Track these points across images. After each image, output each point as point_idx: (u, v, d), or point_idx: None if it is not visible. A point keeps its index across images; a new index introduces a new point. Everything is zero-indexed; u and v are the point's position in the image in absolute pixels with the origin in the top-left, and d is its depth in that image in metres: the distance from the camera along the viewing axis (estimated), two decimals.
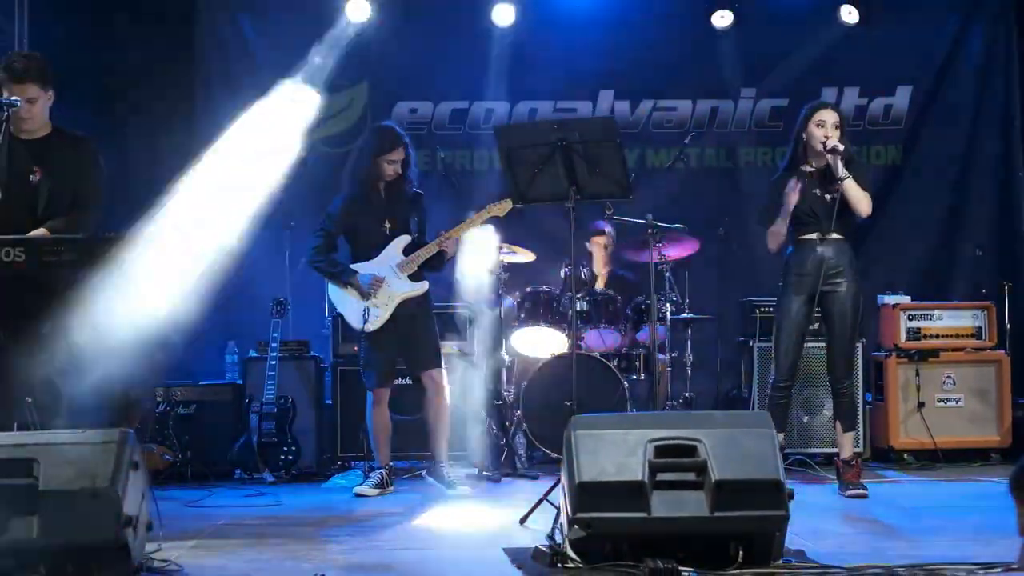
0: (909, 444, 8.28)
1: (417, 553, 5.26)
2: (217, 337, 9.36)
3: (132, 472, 4.53)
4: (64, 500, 4.37)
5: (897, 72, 10.37)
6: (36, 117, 5.92)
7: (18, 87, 5.83)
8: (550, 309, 8.63)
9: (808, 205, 6.76)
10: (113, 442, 4.51)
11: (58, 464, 4.44)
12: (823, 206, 6.76)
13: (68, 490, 4.38)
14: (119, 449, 4.50)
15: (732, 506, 4.52)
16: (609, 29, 10.15)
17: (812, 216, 6.78)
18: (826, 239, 6.78)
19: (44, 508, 4.36)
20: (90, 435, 4.60)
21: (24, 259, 5.54)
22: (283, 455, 7.81)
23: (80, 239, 5.63)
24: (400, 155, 7.19)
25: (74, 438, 4.56)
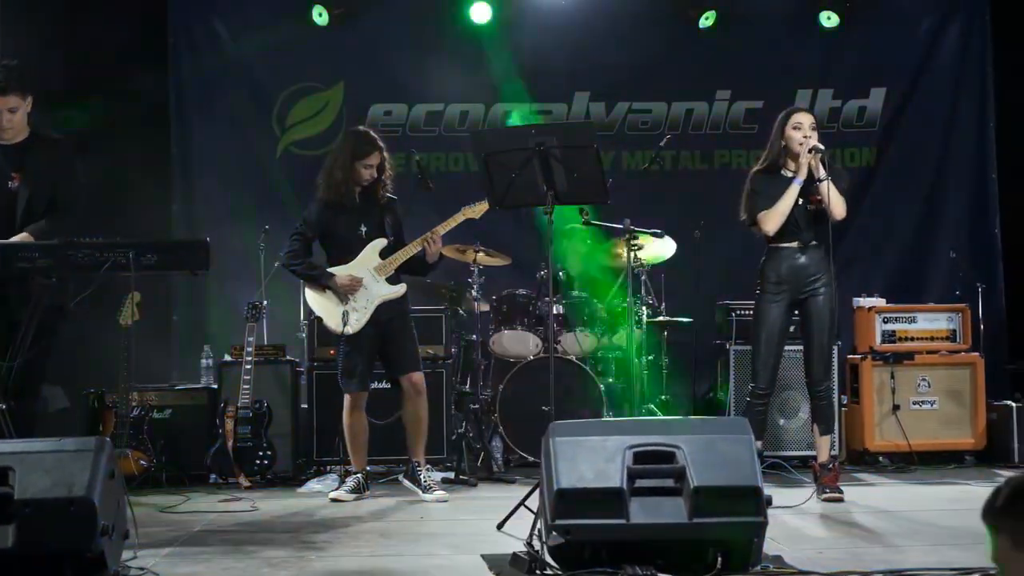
0: (884, 447, 8.31)
1: (394, 560, 5.23)
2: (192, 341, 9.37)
3: (108, 480, 4.50)
4: (40, 509, 4.34)
5: (871, 74, 10.44)
6: (16, 126, 5.90)
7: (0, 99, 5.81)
8: (526, 312, 8.62)
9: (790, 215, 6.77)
10: (89, 450, 4.49)
11: (34, 472, 4.40)
12: (802, 215, 6.77)
13: (44, 499, 4.35)
14: (95, 457, 4.48)
15: (711, 512, 4.52)
16: (584, 32, 10.19)
17: (792, 224, 6.79)
18: (804, 247, 6.79)
19: (19, 517, 4.32)
20: (66, 443, 4.57)
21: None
22: (258, 460, 7.77)
23: (55, 245, 5.60)
24: (376, 159, 7.16)
25: (50, 446, 4.53)
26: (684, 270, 9.05)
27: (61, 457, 4.47)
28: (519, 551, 4.93)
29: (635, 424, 5.12)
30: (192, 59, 10.20)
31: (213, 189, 10.16)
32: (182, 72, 10.18)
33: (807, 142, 6.69)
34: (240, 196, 10.09)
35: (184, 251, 5.80)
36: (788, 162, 6.85)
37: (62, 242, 5.63)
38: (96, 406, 7.93)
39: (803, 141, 6.73)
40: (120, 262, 5.60)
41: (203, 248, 5.74)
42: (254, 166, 10.21)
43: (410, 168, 7.98)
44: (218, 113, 10.20)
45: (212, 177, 10.16)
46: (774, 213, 6.77)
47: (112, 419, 7.70)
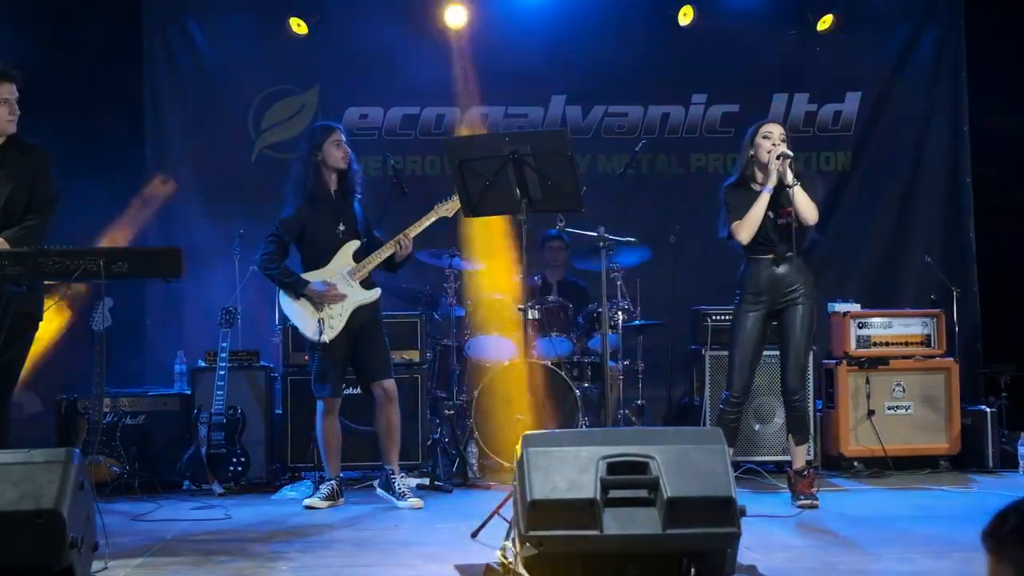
0: (859, 452, 8.31)
1: (365, 571, 5.21)
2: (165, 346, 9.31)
3: (78, 491, 4.47)
4: (7, 521, 4.30)
5: (847, 79, 10.44)
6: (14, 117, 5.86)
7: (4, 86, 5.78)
8: (501, 317, 8.60)
9: (763, 227, 6.76)
10: (59, 462, 4.45)
11: (2, 484, 4.36)
12: (775, 229, 6.77)
13: (11, 511, 4.31)
14: (64, 469, 4.44)
15: (684, 523, 4.50)
16: (560, 35, 10.17)
17: (765, 238, 6.79)
18: (780, 259, 6.79)
19: None
20: (35, 455, 4.53)
21: None
22: (232, 466, 7.73)
23: (25, 253, 5.56)
24: (340, 136, 7.17)
25: (18, 458, 4.49)
26: (660, 275, 9.04)
27: (29, 468, 4.43)
28: (492, 562, 4.92)
29: (608, 434, 5.09)
30: (167, 61, 10.13)
31: (188, 191, 10.10)
32: (157, 74, 10.11)
33: (775, 149, 6.70)
34: (215, 199, 10.04)
35: (156, 258, 5.73)
36: (757, 174, 6.84)
37: (32, 250, 5.58)
38: (69, 412, 7.87)
39: (771, 149, 6.73)
40: (91, 269, 5.54)
41: (175, 255, 5.68)
42: (229, 169, 10.15)
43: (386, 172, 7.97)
44: (193, 116, 10.14)
45: (187, 179, 10.09)
46: (746, 222, 6.77)
47: (85, 425, 7.65)
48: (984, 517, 2.29)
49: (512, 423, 8.00)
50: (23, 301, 5.78)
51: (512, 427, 8.00)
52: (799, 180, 6.71)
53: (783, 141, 6.78)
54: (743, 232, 6.79)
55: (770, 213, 6.77)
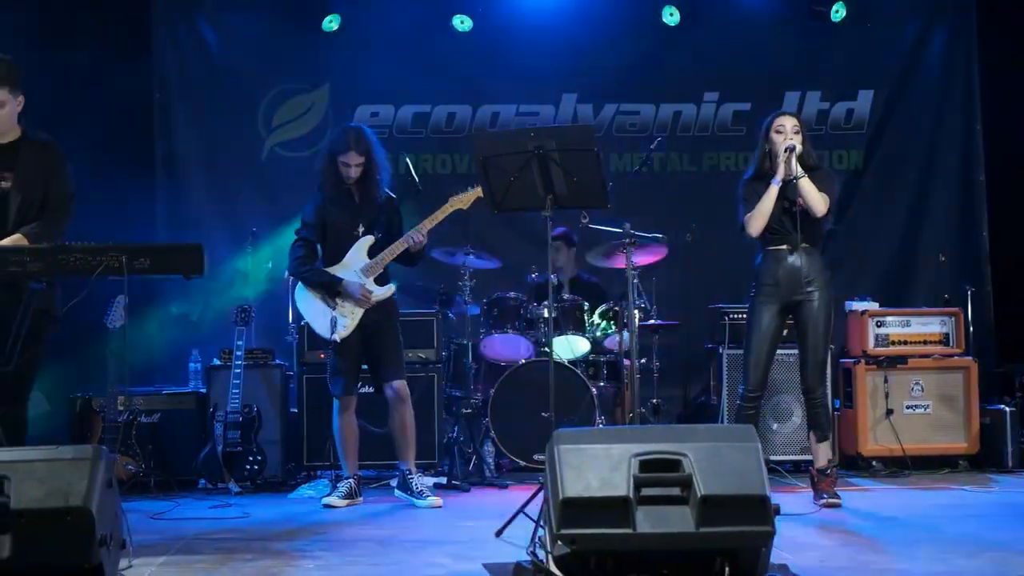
0: (878, 451, 8.27)
1: (394, 569, 5.16)
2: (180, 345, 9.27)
3: (106, 489, 4.41)
4: (36, 519, 4.24)
5: (859, 76, 10.42)
6: (3, 121, 5.81)
7: None
8: (517, 315, 8.57)
9: (777, 217, 6.73)
10: (87, 459, 4.38)
11: (30, 482, 4.30)
12: (791, 218, 6.73)
13: (40, 508, 4.25)
14: (92, 466, 4.37)
15: (718, 521, 4.44)
16: (571, 32, 10.15)
17: (781, 227, 6.75)
18: (796, 250, 6.75)
19: (16, 527, 4.22)
20: (63, 451, 4.46)
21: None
22: (248, 465, 7.69)
23: (46, 249, 5.51)
24: (354, 159, 7.04)
25: (46, 455, 4.42)
26: (675, 273, 9.00)
27: (57, 465, 4.36)
28: (522, 560, 4.88)
29: (640, 432, 5.05)
30: (177, 59, 10.11)
31: (199, 190, 10.09)
32: (166, 72, 10.09)
33: (786, 142, 6.67)
34: (226, 197, 10.04)
35: (178, 255, 5.70)
36: (775, 167, 6.81)
37: (54, 246, 5.54)
38: (83, 411, 7.83)
39: (784, 142, 6.71)
40: (113, 266, 5.50)
41: (197, 252, 5.65)
42: (240, 167, 10.14)
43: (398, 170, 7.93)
44: (203, 114, 10.11)
45: (198, 178, 10.08)
46: (755, 214, 6.74)
47: (100, 424, 7.60)
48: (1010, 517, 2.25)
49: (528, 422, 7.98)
50: (43, 298, 5.74)
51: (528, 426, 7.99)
52: (814, 173, 6.68)
53: (796, 133, 6.75)
54: (753, 224, 6.76)
55: (784, 203, 6.73)
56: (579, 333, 8.56)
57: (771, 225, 6.76)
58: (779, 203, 6.74)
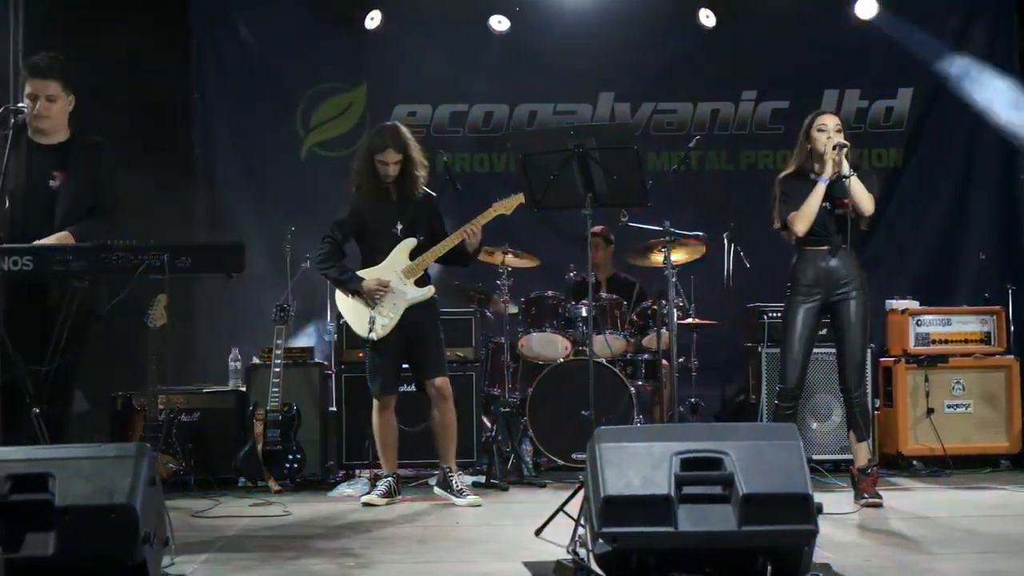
0: (918, 450, 8.22)
1: (436, 567, 5.18)
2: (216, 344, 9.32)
3: (149, 487, 4.44)
4: (80, 516, 4.27)
5: (898, 74, 10.38)
6: (55, 117, 5.87)
7: (40, 83, 5.80)
8: (555, 314, 8.56)
9: (820, 217, 6.70)
10: (130, 456, 4.42)
11: (74, 479, 4.33)
12: (831, 219, 6.70)
13: (84, 506, 4.28)
14: (136, 463, 4.41)
15: (760, 520, 4.43)
16: (609, 31, 10.12)
17: (822, 228, 6.71)
18: (835, 251, 6.72)
19: (60, 524, 4.26)
20: (106, 449, 4.50)
21: (32, 268, 5.47)
22: (288, 463, 7.70)
23: (89, 248, 5.55)
24: (392, 157, 7.03)
25: (90, 452, 4.46)
26: (713, 272, 8.97)
27: (101, 463, 4.40)
28: (563, 559, 4.89)
29: (681, 430, 5.04)
30: (215, 59, 10.19)
31: (237, 190, 10.17)
32: (205, 72, 10.17)
33: (831, 140, 6.64)
34: (265, 197, 10.10)
35: (219, 253, 5.73)
36: (815, 165, 6.78)
37: (96, 245, 5.57)
38: (124, 409, 7.87)
39: (827, 140, 6.67)
40: (154, 265, 5.54)
41: (238, 250, 5.68)
42: (279, 167, 10.21)
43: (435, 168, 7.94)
44: (242, 114, 10.18)
45: (236, 178, 10.16)
46: (802, 214, 6.70)
47: (140, 422, 7.63)
48: None
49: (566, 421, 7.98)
50: (86, 296, 5.78)
51: (566, 425, 7.99)
52: (857, 172, 6.65)
53: (838, 132, 6.72)
54: (799, 223, 6.72)
55: (826, 204, 6.70)
56: (617, 332, 8.54)
57: (812, 225, 6.72)
58: (821, 205, 6.70)
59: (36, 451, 4.58)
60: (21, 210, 5.76)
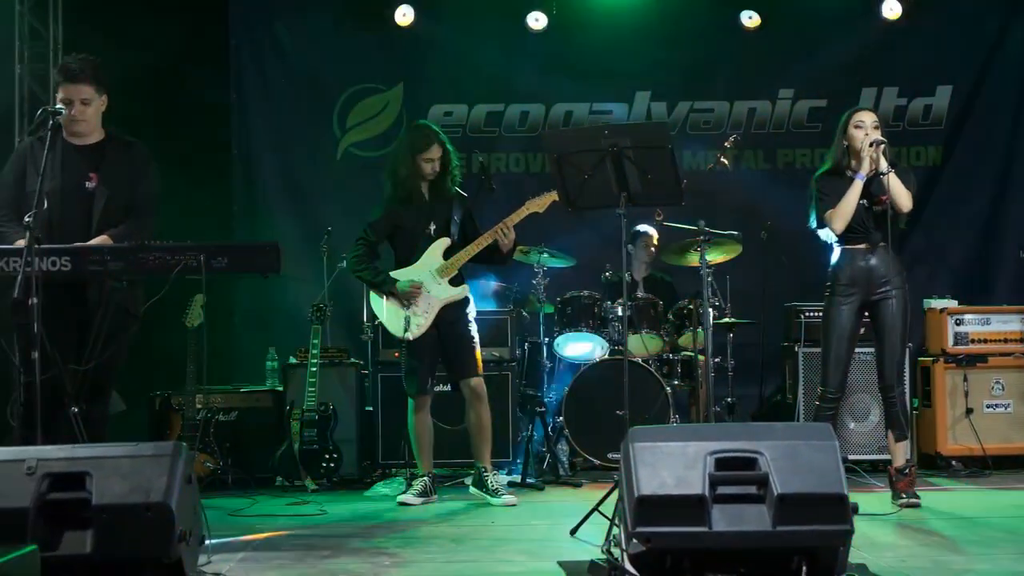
0: (957, 451, 8.17)
1: (470, 567, 5.18)
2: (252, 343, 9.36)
3: (185, 485, 4.46)
4: (117, 514, 4.30)
5: (937, 72, 10.31)
6: (89, 120, 5.91)
7: (72, 87, 5.83)
8: (591, 314, 8.55)
9: (858, 215, 6.66)
10: (166, 455, 4.44)
11: (111, 478, 4.36)
12: (870, 217, 6.66)
13: (121, 504, 4.31)
14: (172, 462, 4.43)
15: (795, 520, 4.41)
16: (645, 30, 10.10)
17: (860, 225, 6.67)
18: (874, 248, 6.68)
19: (97, 522, 4.29)
20: (143, 448, 4.53)
21: (70, 268, 5.52)
22: (325, 462, 7.74)
23: (127, 248, 5.59)
24: (436, 153, 7.09)
25: (127, 451, 4.49)
26: (749, 271, 8.93)
27: (138, 462, 4.43)
28: (597, 559, 4.87)
29: (715, 429, 5.03)
30: (252, 61, 10.22)
31: (274, 190, 10.21)
32: (243, 73, 10.21)
33: (868, 136, 6.59)
34: (302, 197, 10.15)
35: (255, 254, 5.76)
36: (852, 162, 6.74)
37: (134, 245, 5.60)
38: (162, 409, 7.93)
39: (864, 137, 6.63)
40: (191, 265, 5.57)
41: (274, 251, 5.70)
42: (315, 167, 10.25)
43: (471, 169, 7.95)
44: (279, 114, 10.22)
45: (273, 178, 10.20)
46: (840, 211, 6.65)
47: (178, 421, 7.70)
48: None
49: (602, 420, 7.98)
50: (124, 297, 5.82)
51: (602, 424, 7.99)
52: (895, 169, 6.60)
53: (876, 128, 6.67)
54: (837, 221, 6.67)
55: (864, 201, 6.66)
56: (653, 332, 8.52)
57: (850, 223, 6.68)
58: (859, 202, 6.66)
59: (74, 450, 4.60)
60: (59, 211, 5.79)
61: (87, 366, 5.62)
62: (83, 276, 5.60)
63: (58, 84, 5.93)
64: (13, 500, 4.29)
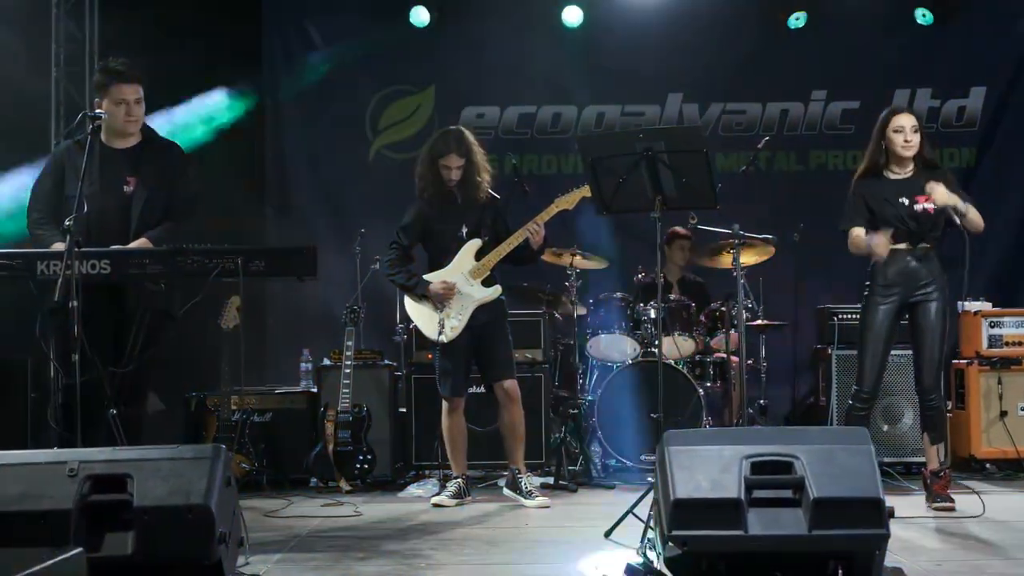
0: (991, 454, 8.14)
1: (505, 569, 5.21)
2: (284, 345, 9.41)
3: (225, 488, 4.50)
4: (158, 516, 4.34)
5: (971, 73, 10.29)
6: (140, 119, 5.96)
7: (127, 87, 5.90)
8: (624, 315, 8.55)
9: (897, 214, 6.64)
10: (206, 458, 4.48)
11: (152, 480, 4.41)
12: (912, 216, 6.64)
13: (162, 506, 4.35)
14: (212, 464, 4.47)
15: (831, 524, 4.41)
16: (677, 32, 10.11)
17: (901, 226, 6.65)
18: (915, 249, 6.66)
19: (138, 524, 4.33)
20: (183, 450, 4.57)
21: (110, 271, 5.57)
22: (359, 464, 7.78)
23: (165, 251, 5.64)
24: (455, 162, 7.09)
25: (168, 453, 4.53)
26: (782, 273, 8.92)
27: (178, 464, 4.47)
28: (632, 561, 4.88)
29: (750, 433, 5.03)
30: (285, 62, 10.28)
31: (307, 192, 10.27)
32: (276, 75, 10.26)
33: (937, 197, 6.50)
34: (334, 199, 10.21)
35: (292, 257, 5.81)
36: (892, 164, 6.72)
37: (172, 248, 5.66)
38: (198, 410, 7.98)
39: (904, 145, 6.62)
40: (228, 268, 5.62)
41: (311, 254, 5.76)
42: (347, 169, 10.31)
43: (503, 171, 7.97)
44: (311, 116, 10.28)
45: (306, 180, 10.27)
46: (852, 243, 6.74)
47: (214, 422, 7.75)
48: None
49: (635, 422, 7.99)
50: (162, 300, 5.87)
51: (635, 427, 8.00)
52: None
53: (915, 132, 6.65)
54: (850, 246, 6.75)
55: (904, 200, 6.64)
56: (686, 334, 8.51)
57: (891, 223, 6.66)
58: (900, 201, 6.66)
59: (115, 452, 4.65)
60: (97, 214, 5.85)
61: (126, 368, 5.67)
62: (122, 279, 5.66)
63: (105, 86, 5.97)
64: (55, 502, 4.33)
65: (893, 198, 6.67)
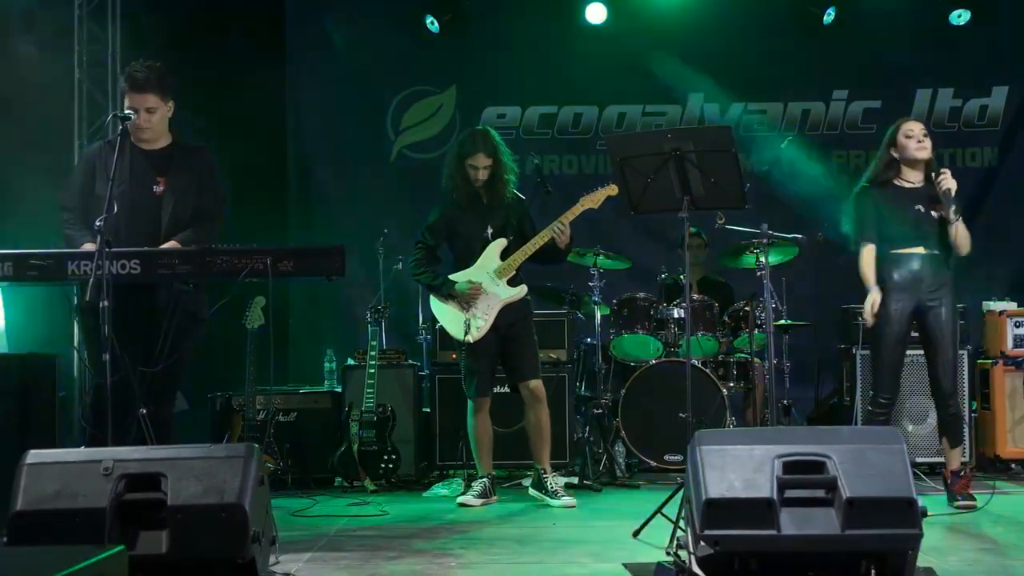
0: (1017, 453, 8.13)
1: (536, 568, 5.21)
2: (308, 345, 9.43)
3: (258, 487, 4.52)
4: (192, 515, 4.37)
5: (992, 72, 10.26)
6: (155, 127, 5.97)
7: (138, 96, 5.89)
8: (647, 315, 8.56)
9: (909, 219, 6.64)
10: (240, 457, 4.51)
11: (185, 479, 4.44)
12: (924, 221, 6.64)
13: (196, 505, 4.38)
14: (245, 464, 4.50)
15: (864, 524, 4.41)
16: (698, 32, 10.10)
17: (913, 231, 6.66)
18: (926, 254, 6.66)
19: (172, 523, 4.37)
20: (216, 450, 4.60)
21: (139, 271, 5.59)
22: (383, 463, 7.80)
23: (194, 252, 5.66)
24: (482, 161, 7.10)
25: (199, 452, 4.56)
26: (805, 272, 8.91)
27: (212, 463, 4.50)
28: (664, 560, 4.89)
29: (782, 433, 5.03)
30: (308, 63, 10.30)
31: (330, 192, 10.29)
32: (299, 76, 10.29)
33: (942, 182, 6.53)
34: (357, 199, 10.23)
35: (320, 257, 5.82)
36: (904, 171, 6.74)
37: (201, 249, 5.68)
38: (224, 409, 8.00)
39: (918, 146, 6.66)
40: (257, 268, 5.63)
41: (339, 254, 5.77)
42: (369, 169, 10.35)
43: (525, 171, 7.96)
44: (334, 117, 10.30)
45: (329, 180, 10.29)
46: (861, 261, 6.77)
47: (239, 422, 7.78)
48: None
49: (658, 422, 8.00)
50: (191, 300, 5.89)
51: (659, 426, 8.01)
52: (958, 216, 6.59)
53: (925, 137, 6.67)
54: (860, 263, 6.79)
55: (920, 207, 6.65)
56: (709, 333, 8.51)
57: (904, 228, 6.67)
58: (914, 207, 6.66)
59: (149, 451, 4.68)
60: (127, 216, 5.87)
61: (155, 368, 5.69)
62: (152, 279, 5.68)
63: (123, 92, 6.00)
64: (91, 500, 4.38)
65: (909, 205, 6.68)
